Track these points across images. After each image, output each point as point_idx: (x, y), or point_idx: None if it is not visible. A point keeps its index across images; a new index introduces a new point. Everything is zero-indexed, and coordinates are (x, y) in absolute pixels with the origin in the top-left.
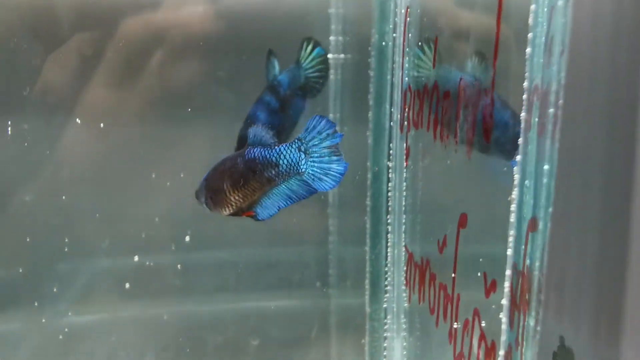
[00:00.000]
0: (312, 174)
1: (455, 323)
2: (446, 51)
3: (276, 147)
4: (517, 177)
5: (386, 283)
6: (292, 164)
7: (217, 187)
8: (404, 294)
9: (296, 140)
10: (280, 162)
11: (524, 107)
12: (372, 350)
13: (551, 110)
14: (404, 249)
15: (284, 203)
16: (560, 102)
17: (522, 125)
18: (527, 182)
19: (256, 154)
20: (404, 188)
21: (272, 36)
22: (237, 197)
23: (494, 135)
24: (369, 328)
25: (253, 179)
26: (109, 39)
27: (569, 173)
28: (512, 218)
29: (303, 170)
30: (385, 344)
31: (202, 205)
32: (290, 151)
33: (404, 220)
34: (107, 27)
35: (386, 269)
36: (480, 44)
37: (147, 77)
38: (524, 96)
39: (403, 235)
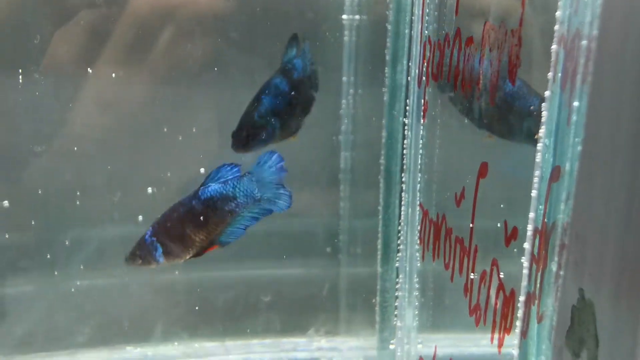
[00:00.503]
0: (268, 199)
1: (472, 274)
2: None
3: (230, 181)
4: (545, 114)
5: (399, 242)
6: (248, 194)
7: (177, 233)
8: (417, 254)
9: (247, 174)
10: (237, 194)
11: (555, 39)
12: (383, 310)
13: (584, 42)
14: (418, 207)
15: (249, 223)
16: (595, 32)
17: (550, 73)
18: (546, 140)
19: (212, 192)
20: (420, 146)
21: (284, 11)
22: (201, 237)
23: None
24: (380, 288)
25: (214, 215)
26: (118, 15)
27: (598, 114)
28: (538, 158)
29: (258, 197)
30: (396, 303)
31: (147, 264)
32: (244, 183)
33: (419, 179)
34: (116, 4)
35: (399, 227)
36: None
37: (155, 54)
38: (556, 27)
39: (418, 194)
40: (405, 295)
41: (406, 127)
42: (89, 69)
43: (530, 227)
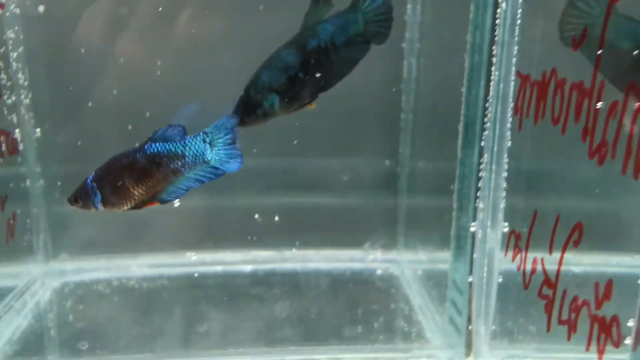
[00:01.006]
0: (219, 159)
1: (599, 103)
2: None
3: (181, 140)
4: None
5: (485, 120)
6: (198, 154)
7: (116, 183)
8: (509, 132)
9: (201, 134)
10: (186, 153)
11: None
12: (461, 195)
13: None
14: (514, 76)
15: (193, 184)
16: None
17: None
18: None
19: (159, 148)
20: (519, 15)
21: None
22: (140, 191)
23: None
24: (459, 173)
25: (157, 172)
26: None
27: None
28: None
29: (209, 159)
30: (480, 184)
31: (87, 208)
32: (195, 143)
33: (515, 50)
34: None
35: (487, 104)
36: None
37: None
38: None
39: (513, 66)
40: (490, 175)
41: None
42: None
43: None
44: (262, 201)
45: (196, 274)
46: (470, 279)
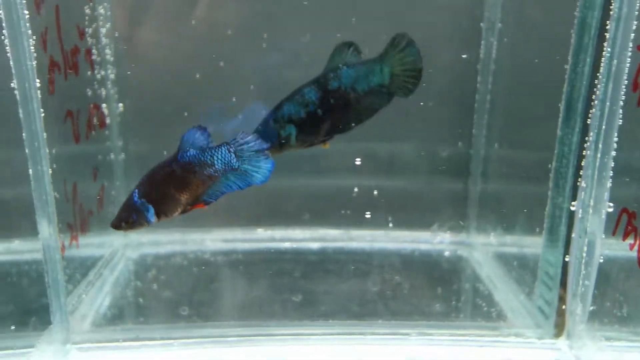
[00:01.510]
0: (246, 170)
1: None
2: None
3: (208, 149)
4: None
5: (594, 97)
6: (225, 162)
7: (164, 194)
8: (620, 110)
9: (224, 144)
10: (215, 162)
11: None
12: (559, 175)
13: None
14: (630, 52)
15: (229, 189)
16: None
17: None
18: None
19: (190, 157)
20: None
21: None
22: (186, 196)
23: None
24: (558, 152)
25: (195, 178)
26: None
27: None
28: None
29: (236, 166)
30: (583, 162)
31: (139, 226)
32: (221, 152)
33: (634, 26)
34: None
35: (596, 81)
36: None
37: None
38: None
39: (630, 42)
40: (595, 154)
41: None
42: None
43: None
44: (331, 182)
45: (269, 250)
46: (567, 259)
